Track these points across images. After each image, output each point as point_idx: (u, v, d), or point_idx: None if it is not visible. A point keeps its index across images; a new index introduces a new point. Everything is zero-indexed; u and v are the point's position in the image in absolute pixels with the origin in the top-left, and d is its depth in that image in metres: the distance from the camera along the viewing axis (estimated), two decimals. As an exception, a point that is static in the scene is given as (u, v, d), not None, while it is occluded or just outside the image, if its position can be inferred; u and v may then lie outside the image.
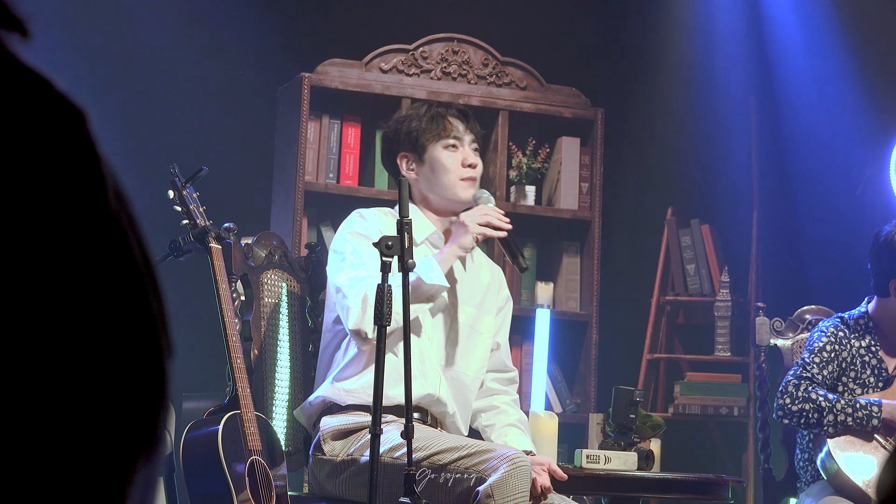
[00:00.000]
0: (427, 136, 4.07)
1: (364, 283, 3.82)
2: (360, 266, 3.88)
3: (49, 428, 0.80)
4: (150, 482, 0.86)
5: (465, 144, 4.09)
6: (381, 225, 3.97)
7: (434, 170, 4.06)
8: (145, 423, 0.84)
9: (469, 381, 4.06)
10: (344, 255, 3.92)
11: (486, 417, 4.14)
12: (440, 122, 4.08)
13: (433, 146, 4.07)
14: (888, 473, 1.14)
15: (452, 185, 4.05)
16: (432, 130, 4.07)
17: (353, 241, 3.93)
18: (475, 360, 4.07)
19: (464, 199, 4.06)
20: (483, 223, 3.96)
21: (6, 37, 0.85)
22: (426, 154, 4.06)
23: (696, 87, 6.22)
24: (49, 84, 0.85)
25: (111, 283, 0.83)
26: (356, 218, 4.01)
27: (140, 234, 0.87)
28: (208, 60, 5.55)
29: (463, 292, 4.05)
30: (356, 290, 3.82)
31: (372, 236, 3.86)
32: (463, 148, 4.08)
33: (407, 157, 4.09)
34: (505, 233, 4.01)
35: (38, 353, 0.80)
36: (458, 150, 4.08)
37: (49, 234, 0.81)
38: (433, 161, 4.06)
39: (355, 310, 3.80)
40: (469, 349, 4.05)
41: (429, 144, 4.07)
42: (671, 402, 5.94)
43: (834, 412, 4.22)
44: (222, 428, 3.62)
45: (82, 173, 0.83)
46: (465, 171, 4.06)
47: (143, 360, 0.84)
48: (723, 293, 5.93)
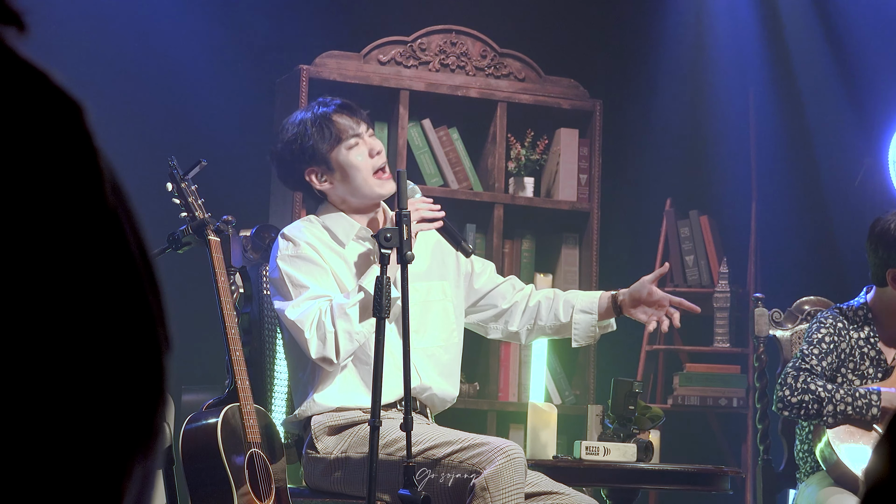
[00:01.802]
0: (325, 145, 3.98)
1: (312, 309, 3.81)
2: (302, 292, 3.87)
3: (46, 421, 0.80)
4: (149, 475, 0.86)
5: (363, 136, 4.01)
6: (309, 237, 3.95)
7: (346, 174, 3.98)
8: (143, 416, 0.84)
9: (442, 349, 4.04)
10: (282, 284, 3.91)
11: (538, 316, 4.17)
12: (331, 126, 3.99)
13: (336, 151, 3.98)
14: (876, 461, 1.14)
15: (367, 182, 3.97)
16: (328, 137, 3.98)
17: (287, 268, 3.90)
18: (439, 328, 4.05)
19: (383, 194, 3.99)
20: (416, 219, 3.87)
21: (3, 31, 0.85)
22: (332, 162, 3.98)
23: (695, 78, 6.21)
24: (46, 78, 0.85)
25: (108, 276, 0.83)
26: (282, 242, 3.96)
27: (138, 227, 0.87)
28: (206, 53, 5.54)
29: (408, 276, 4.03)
30: (308, 321, 3.81)
31: (305, 255, 3.88)
32: (363, 140, 4.01)
33: (315, 171, 4.01)
34: (440, 222, 3.93)
35: (35, 347, 0.80)
36: (360, 144, 4.00)
37: (46, 228, 0.81)
38: (342, 165, 3.98)
39: (313, 341, 3.80)
40: (427, 321, 4.03)
41: (330, 153, 3.98)
42: (670, 394, 5.94)
43: (833, 402, 4.22)
44: (221, 420, 3.62)
45: (79, 167, 0.83)
46: (375, 162, 3.98)
47: (140, 353, 0.84)
48: (722, 284, 5.93)
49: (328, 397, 3.91)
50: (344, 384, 3.92)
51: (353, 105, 4.09)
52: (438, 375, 4.02)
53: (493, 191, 5.59)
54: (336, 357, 3.80)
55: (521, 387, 5.55)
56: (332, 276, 3.92)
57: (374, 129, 4.09)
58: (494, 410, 5.49)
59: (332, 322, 3.78)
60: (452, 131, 5.58)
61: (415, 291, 3.96)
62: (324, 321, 3.78)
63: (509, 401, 5.52)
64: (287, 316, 3.86)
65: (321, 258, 3.92)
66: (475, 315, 4.21)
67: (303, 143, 3.99)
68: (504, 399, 5.53)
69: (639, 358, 5.98)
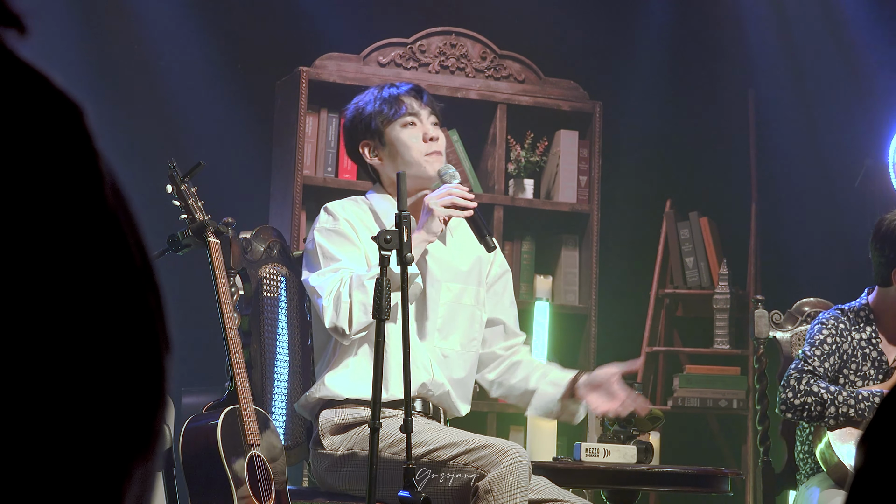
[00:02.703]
0: (382, 119, 4.01)
1: (333, 279, 3.83)
2: (331, 263, 3.88)
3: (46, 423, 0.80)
4: (149, 477, 0.86)
5: (423, 119, 4.02)
6: (349, 215, 3.97)
7: (397, 150, 4.00)
8: (143, 418, 0.84)
9: (456, 354, 4.02)
10: (314, 255, 3.93)
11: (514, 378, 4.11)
12: (393, 102, 4.02)
13: (391, 127, 4.00)
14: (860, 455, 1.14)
15: (417, 161, 3.98)
16: (386, 112, 4.01)
17: (322, 240, 3.93)
18: (460, 333, 4.02)
19: (431, 174, 3.98)
20: (447, 204, 3.87)
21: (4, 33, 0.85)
22: (385, 137, 4.01)
23: (695, 79, 6.21)
24: (46, 80, 0.85)
25: (108, 278, 0.83)
26: (323, 215, 3.98)
27: (137, 229, 0.87)
28: (206, 55, 5.54)
29: (445, 271, 4.02)
30: (327, 289, 3.83)
31: (341, 230, 3.90)
32: (421, 123, 4.02)
33: (368, 145, 4.04)
34: (471, 212, 3.93)
35: (34, 349, 0.80)
36: (416, 126, 4.01)
37: (45, 230, 0.81)
38: (394, 142, 4.00)
39: (329, 309, 3.81)
40: (453, 323, 4.01)
41: (386, 127, 4.01)
42: (670, 395, 5.94)
43: (836, 404, 4.22)
44: (221, 422, 3.62)
45: (79, 168, 0.83)
46: (427, 146, 3.99)
47: (140, 355, 0.84)
48: (721, 286, 5.93)
49: (338, 383, 3.90)
50: (355, 373, 3.91)
51: (426, 92, 4.12)
52: (451, 383, 4.01)
53: (492, 192, 5.60)
54: (348, 327, 3.79)
55: (521, 388, 5.55)
56: (364, 256, 3.93)
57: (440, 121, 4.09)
58: (495, 412, 5.49)
59: (349, 293, 3.79)
60: (452, 133, 5.58)
61: (447, 291, 3.98)
62: (341, 291, 3.79)
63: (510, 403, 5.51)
64: (309, 282, 3.89)
65: (357, 237, 3.94)
66: None
67: (363, 112, 4.03)
68: (504, 401, 5.52)
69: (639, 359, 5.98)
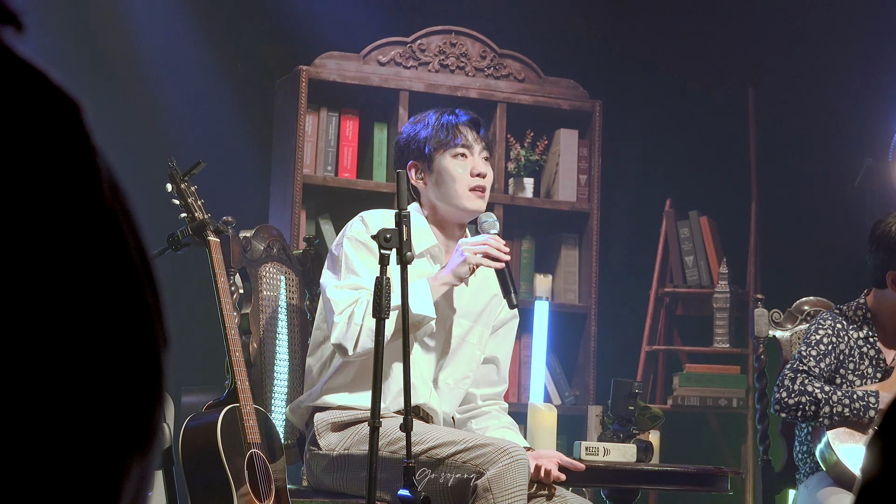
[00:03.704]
0: (435, 145, 4.01)
1: (350, 297, 3.82)
2: (352, 277, 3.87)
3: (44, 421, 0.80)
4: (146, 474, 0.86)
5: (474, 154, 4.03)
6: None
7: (442, 179, 4.00)
8: (141, 416, 0.84)
9: (449, 388, 4.05)
10: (339, 261, 3.92)
11: (476, 422, 4.14)
12: (450, 130, 4.02)
13: (441, 156, 4.01)
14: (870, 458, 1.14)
15: (460, 195, 3.98)
16: (441, 140, 4.01)
17: (350, 249, 3.91)
18: (459, 369, 4.07)
19: (471, 210, 3.99)
20: (481, 252, 3.88)
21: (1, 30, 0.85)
22: (434, 164, 4.01)
23: (694, 79, 6.21)
24: (44, 76, 0.85)
25: (106, 276, 0.83)
26: (359, 223, 3.96)
27: (136, 227, 0.87)
28: (206, 53, 5.54)
29: (462, 306, 4.04)
30: (341, 305, 3.82)
31: (370, 245, 3.85)
32: (472, 157, 4.02)
33: (416, 166, 4.04)
34: (503, 264, 3.91)
35: (33, 347, 0.80)
36: (467, 158, 4.01)
37: (43, 227, 0.81)
38: (441, 170, 4.00)
39: (340, 325, 3.81)
40: (455, 358, 4.05)
41: (437, 154, 4.01)
42: (670, 394, 5.94)
43: (830, 404, 4.22)
44: (221, 421, 3.62)
45: (77, 166, 0.83)
46: (473, 181, 3.99)
47: (138, 352, 0.84)
48: (721, 285, 5.93)
49: (336, 395, 3.91)
50: (355, 386, 3.92)
51: (483, 126, 4.13)
52: (448, 405, 4.05)
53: (492, 191, 5.59)
54: (352, 349, 3.80)
55: (520, 387, 5.55)
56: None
57: (491, 156, 4.11)
58: (494, 411, 5.49)
59: (363, 316, 3.79)
60: (452, 132, 5.58)
61: (458, 326, 4.00)
62: (355, 311, 3.79)
63: (509, 401, 5.51)
64: (326, 292, 3.88)
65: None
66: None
67: (418, 134, 4.04)
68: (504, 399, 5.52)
69: (638, 358, 5.98)
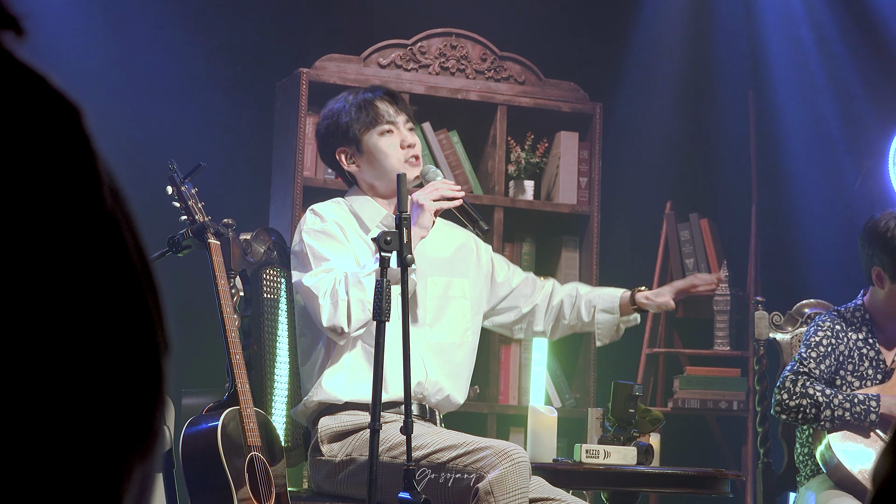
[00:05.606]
0: (359, 127, 4.03)
1: (328, 278, 3.85)
2: (323, 263, 3.90)
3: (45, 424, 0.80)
4: (148, 477, 0.86)
5: (399, 127, 4.05)
6: (336, 217, 4.00)
7: (375, 158, 4.03)
8: (141, 419, 0.84)
9: (455, 346, 4.06)
10: (304, 256, 3.94)
11: (555, 312, 4.26)
12: (369, 109, 4.04)
13: (368, 136, 4.04)
14: (884, 462, 1.14)
15: (396, 168, 4.01)
16: (363, 120, 4.03)
17: (311, 241, 3.95)
18: (455, 324, 4.08)
19: (410, 179, 4.01)
20: (436, 198, 3.93)
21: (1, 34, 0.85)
22: (363, 145, 4.04)
23: (695, 81, 6.21)
24: (45, 81, 0.85)
25: (106, 279, 0.83)
26: (311, 216, 4.01)
27: (136, 230, 0.87)
28: (206, 56, 5.54)
29: (428, 265, 4.06)
30: (323, 288, 3.84)
31: (330, 231, 3.92)
32: (399, 130, 4.05)
33: (345, 151, 4.07)
34: (460, 201, 3.97)
35: (34, 350, 0.80)
36: (393, 133, 4.04)
37: (44, 231, 0.81)
38: (372, 150, 4.03)
39: (325, 307, 3.83)
40: (444, 315, 4.06)
41: (363, 135, 4.04)
42: (670, 397, 5.94)
43: (831, 407, 4.22)
44: (221, 424, 3.62)
45: (77, 170, 0.83)
46: (405, 153, 4.04)
47: (138, 355, 0.84)
48: (722, 287, 5.93)
49: (336, 386, 3.92)
50: (352, 374, 3.93)
51: (399, 96, 4.15)
52: (447, 376, 4.03)
53: (493, 194, 5.59)
54: (347, 325, 3.81)
55: (521, 390, 5.55)
56: (353, 257, 3.95)
57: (415, 125, 4.12)
58: (494, 413, 5.49)
59: (346, 290, 3.81)
60: (452, 134, 5.58)
61: (433, 285, 4.01)
62: (338, 289, 3.82)
63: (509, 404, 5.52)
64: (303, 283, 3.90)
65: (345, 237, 3.96)
66: (497, 318, 4.27)
67: (338, 120, 4.06)
68: (504, 402, 5.52)
69: (639, 361, 5.98)
